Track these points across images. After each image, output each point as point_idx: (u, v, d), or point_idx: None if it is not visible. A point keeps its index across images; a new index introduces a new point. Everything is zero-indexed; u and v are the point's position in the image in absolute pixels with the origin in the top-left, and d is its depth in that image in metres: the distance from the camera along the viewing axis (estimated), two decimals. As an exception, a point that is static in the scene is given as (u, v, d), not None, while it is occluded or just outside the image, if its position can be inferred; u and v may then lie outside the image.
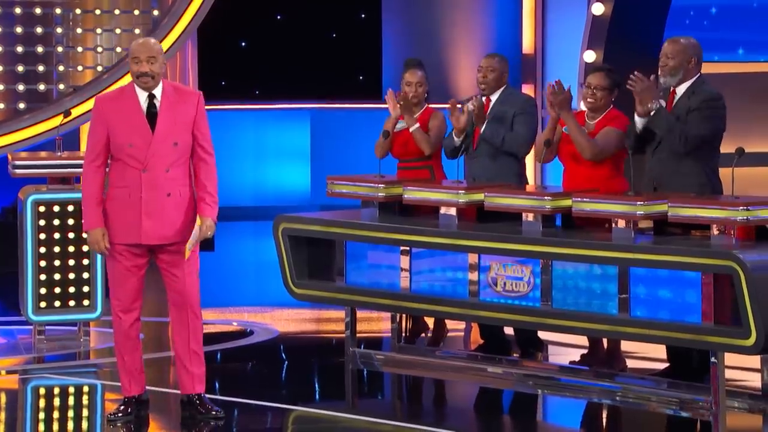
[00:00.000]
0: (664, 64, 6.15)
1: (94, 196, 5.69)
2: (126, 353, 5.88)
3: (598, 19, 10.55)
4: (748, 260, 5.32)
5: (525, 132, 6.86)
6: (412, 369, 6.51)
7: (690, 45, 6.16)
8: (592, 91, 6.50)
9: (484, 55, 7.44)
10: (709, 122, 6.12)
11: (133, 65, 5.68)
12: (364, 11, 13.94)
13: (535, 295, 5.87)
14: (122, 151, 5.68)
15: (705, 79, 6.20)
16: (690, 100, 6.14)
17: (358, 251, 6.43)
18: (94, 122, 5.71)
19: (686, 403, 5.61)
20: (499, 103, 6.97)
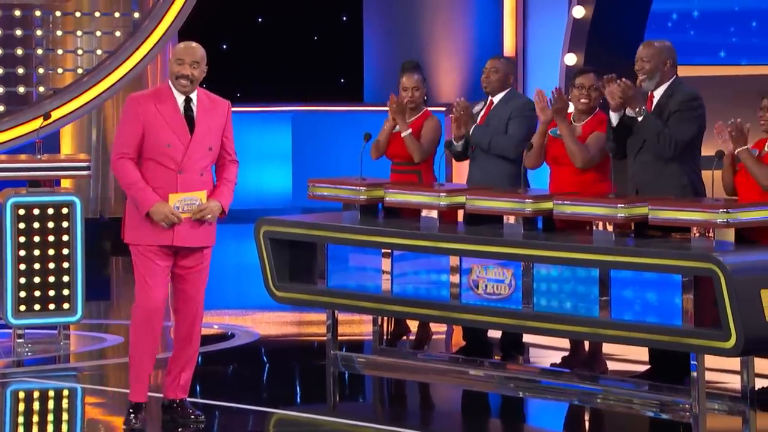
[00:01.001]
0: (641, 68, 6.19)
1: (140, 179, 5.62)
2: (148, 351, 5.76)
3: (578, 21, 10.59)
4: (728, 263, 5.35)
5: (516, 134, 6.86)
6: (394, 372, 6.52)
7: (664, 47, 6.20)
8: (586, 91, 6.52)
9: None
10: (692, 123, 6.15)
11: (176, 66, 5.67)
12: (345, 14, 13.95)
13: (517, 297, 5.88)
14: (158, 151, 5.64)
15: (681, 80, 6.24)
16: (668, 102, 6.17)
17: (340, 254, 6.44)
18: (129, 120, 5.65)
19: (667, 405, 5.64)
20: (501, 106, 6.98)
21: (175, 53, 5.71)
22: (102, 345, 7.81)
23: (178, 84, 5.67)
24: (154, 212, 5.64)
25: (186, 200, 5.67)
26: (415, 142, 7.18)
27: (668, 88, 6.19)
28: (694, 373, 5.52)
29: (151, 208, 5.64)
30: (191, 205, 5.69)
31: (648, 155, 6.19)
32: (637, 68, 6.21)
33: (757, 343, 5.41)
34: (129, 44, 10.73)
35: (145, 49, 11.07)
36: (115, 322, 8.61)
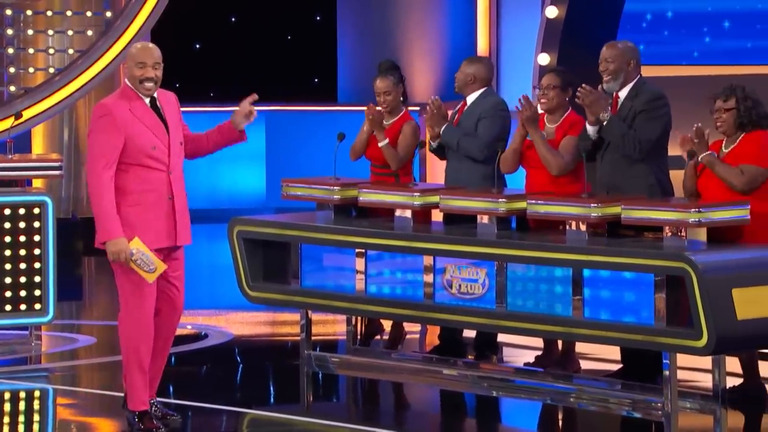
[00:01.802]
0: (605, 69, 6.23)
1: (113, 205, 5.50)
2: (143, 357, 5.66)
3: (551, 21, 10.63)
4: (699, 262, 5.39)
5: (484, 135, 6.88)
6: (368, 372, 6.53)
7: (627, 48, 6.25)
8: (543, 91, 6.57)
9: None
10: (657, 123, 6.20)
11: (137, 70, 5.57)
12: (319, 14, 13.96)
13: (490, 297, 5.91)
14: (145, 155, 5.56)
15: (645, 80, 6.29)
16: (634, 102, 6.22)
17: (314, 254, 6.45)
18: (109, 130, 5.52)
19: (639, 404, 5.67)
20: (473, 106, 7.00)
21: (134, 56, 5.58)
22: (74, 346, 7.79)
23: (143, 87, 5.60)
24: (113, 244, 5.51)
25: (144, 257, 5.55)
26: (392, 151, 7.18)
27: (633, 89, 6.23)
28: (666, 372, 5.56)
29: (114, 240, 5.51)
30: (144, 264, 5.58)
31: (615, 155, 6.23)
32: (602, 69, 6.25)
33: (729, 342, 5.45)
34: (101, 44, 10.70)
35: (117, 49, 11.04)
36: (87, 322, 8.60)
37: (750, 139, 6.01)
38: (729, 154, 6.03)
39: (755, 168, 5.93)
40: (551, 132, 6.60)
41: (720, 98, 6.07)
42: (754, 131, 6.02)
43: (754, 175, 5.92)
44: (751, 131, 6.02)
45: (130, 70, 5.60)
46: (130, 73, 5.60)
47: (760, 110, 6.04)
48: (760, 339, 5.60)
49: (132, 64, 5.59)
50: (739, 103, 6.01)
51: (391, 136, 7.26)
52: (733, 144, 6.04)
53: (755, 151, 5.98)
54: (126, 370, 5.70)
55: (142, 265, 5.57)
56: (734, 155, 6.01)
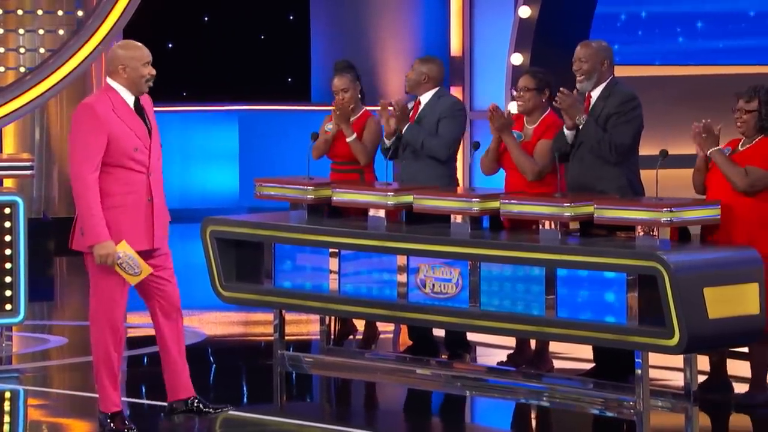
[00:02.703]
0: (579, 68, 6.26)
1: (99, 208, 5.49)
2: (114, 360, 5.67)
3: (525, 21, 10.67)
4: (671, 261, 5.43)
5: (446, 135, 6.91)
6: (341, 371, 6.55)
7: (601, 47, 6.28)
8: (519, 93, 6.60)
9: (413, 56, 7.50)
10: (630, 126, 6.24)
11: (144, 68, 5.58)
12: (292, 13, 13.96)
13: (463, 296, 5.93)
14: (127, 156, 5.55)
15: (618, 80, 6.32)
16: (606, 102, 6.25)
17: (287, 253, 6.45)
18: (93, 130, 5.50)
19: (611, 402, 5.71)
20: (428, 106, 7.02)
21: (140, 57, 5.58)
22: (45, 346, 7.77)
23: (145, 85, 5.61)
24: (99, 247, 5.50)
25: (131, 259, 5.55)
26: (360, 145, 7.21)
27: (605, 89, 6.27)
28: (638, 371, 5.59)
29: (102, 243, 5.50)
30: (129, 267, 5.58)
31: (586, 156, 6.26)
32: (576, 69, 6.28)
33: (700, 341, 5.50)
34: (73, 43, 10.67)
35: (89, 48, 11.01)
36: (59, 323, 8.57)
37: (766, 143, 6.02)
38: (743, 153, 6.04)
39: (761, 171, 5.95)
40: (529, 133, 6.63)
41: (743, 98, 6.05)
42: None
43: (759, 178, 5.94)
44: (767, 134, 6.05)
45: (134, 70, 5.57)
46: (135, 73, 5.57)
47: None
48: (731, 338, 5.65)
49: (137, 63, 5.58)
50: (762, 106, 6.01)
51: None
52: (749, 144, 6.06)
53: (765, 153, 5.99)
54: (96, 372, 5.70)
55: (127, 269, 5.57)
56: (747, 155, 6.02)
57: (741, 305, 5.55)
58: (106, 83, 5.67)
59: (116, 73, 5.61)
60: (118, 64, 5.60)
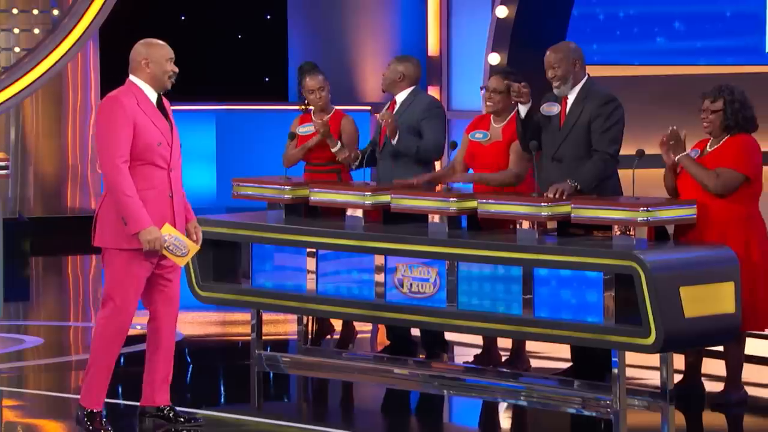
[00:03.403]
0: (553, 75, 6.25)
1: (136, 195, 5.50)
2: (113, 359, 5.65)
3: (502, 21, 10.70)
4: (648, 260, 5.46)
5: (435, 136, 6.92)
6: (318, 371, 6.56)
7: (571, 49, 6.30)
8: (489, 94, 6.61)
9: (391, 56, 7.50)
10: (616, 129, 6.24)
11: (168, 65, 5.63)
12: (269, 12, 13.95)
13: (441, 296, 5.95)
14: (151, 151, 5.56)
15: (593, 80, 6.34)
16: (584, 103, 6.27)
17: (264, 253, 6.46)
18: (119, 123, 5.51)
19: (588, 401, 5.74)
20: (405, 105, 7.03)
21: (163, 53, 5.61)
22: (21, 347, 7.75)
23: (169, 81, 5.65)
24: (145, 233, 5.51)
25: (177, 240, 5.58)
26: (345, 152, 7.17)
27: (581, 90, 6.28)
28: (615, 370, 5.62)
29: (147, 229, 5.51)
30: (176, 249, 5.61)
31: (564, 157, 6.28)
32: (550, 76, 6.25)
33: (676, 340, 5.53)
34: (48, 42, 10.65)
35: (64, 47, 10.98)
36: (35, 323, 8.54)
37: (733, 142, 6.05)
38: (711, 154, 6.07)
39: (731, 172, 5.97)
40: (497, 133, 6.64)
41: (708, 98, 6.08)
42: (738, 134, 6.07)
43: (729, 179, 5.97)
44: (735, 134, 6.07)
45: (158, 65, 5.60)
46: (159, 68, 5.60)
47: (746, 113, 6.05)
48: (707, 337, 5.69)
49: (164, 59, 5.62)
50: (727, 106, 6.04)
51: None
52: (717, 145, 6.08)
53: (735, 154, 6.02)
54: (93, 367, 5.64)
55: (174, 250, 5.59)
56: (716, 156, 6.05)
57: (717, 304, 5.59)
58: (129, 80, 5.68)
59: (139, 69, 5.64)
60: (141, 59, 5.63)
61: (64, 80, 11.96)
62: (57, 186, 12.13)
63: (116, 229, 5.57)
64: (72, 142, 12.12)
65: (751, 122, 6.08)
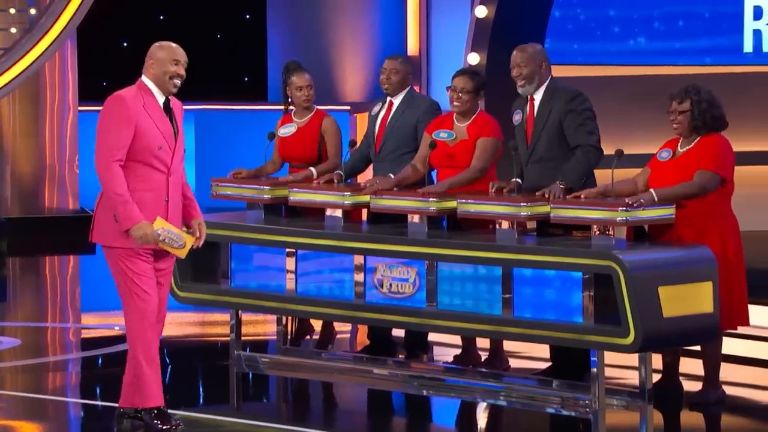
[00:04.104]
0: (519, 74, 6.29)
1: (127, 192, 5.50)
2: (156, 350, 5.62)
3: (481, 21, 10.72)
4: (627, 260, 5.49)
5: None
6: (298, 372, 6.56)
7: (537, 50, 6.34)
8: (458, 94, 6.61)
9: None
10: (591, 123, 6.29)
11: (172, 66, 5.60)
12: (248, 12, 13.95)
13: (421, 296, 5.97)
14: (150, 154, 5.55)
15: (557, 79, 6.38)
16: (551, 103, 6.30)
17: (243, 253, 6.46)
18: (119, 121, 5.50)
19: (567, 401, 5.76)
20: (402, 107, 7.02)
21: (168, 54, 5.60)
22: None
23: (171, 84, 5.62)
24: (136, 229, 5.52)
25: (171, 233, 5.58)
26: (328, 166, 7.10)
27: (547, 90, 6.32)
28: (594, 370, 5.65)
29: (138, 224, 5.52)
30: (172, 241, 5.61)
31: (541, 159, 6.30)
32: (515, 74, 6.29)
33: (655, 340, 5.56)
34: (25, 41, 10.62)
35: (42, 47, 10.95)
36: (12, 324, 8.52)
37: (707, 143, 6.08)
38: (684, 155, 6.09)
39: (711, 174, 5.99)
40: (463, 132, 6.63)
41: (676, 100, 6.11)
42: (710, 134, 6.10)
43: (709, 180, 5.99)
44: (707, 134, 6.10)
45: (160, 66, 5.58)
46: (160, 69, 5.58)
47: (715, 113, 6.08)
48: (685, 336, 5.72)
49: (167, 60, 5.60)
50: (694, 106, 6.07)
51: (309, 133, 7.27)
52: (689, 145, 6.10)
53: (712, 156, 6.03)
54: (135, 368, 5.61)
55: (171, 243, 5.59)
56: (689, 156, 6.07)
57: (695, 304, 5.62)
58: (140, 80, 5.67)
59: (147, 69, 5.64)
60: (149, 59, 5.63)
61: (42, 80, 11.93)
62: (34, 186, 12.09)
63: (114, 228, 5.58)
64: (50, 141, 12.09)
65: (720, 121, 6.12)
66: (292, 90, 7.31)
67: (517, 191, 6.09)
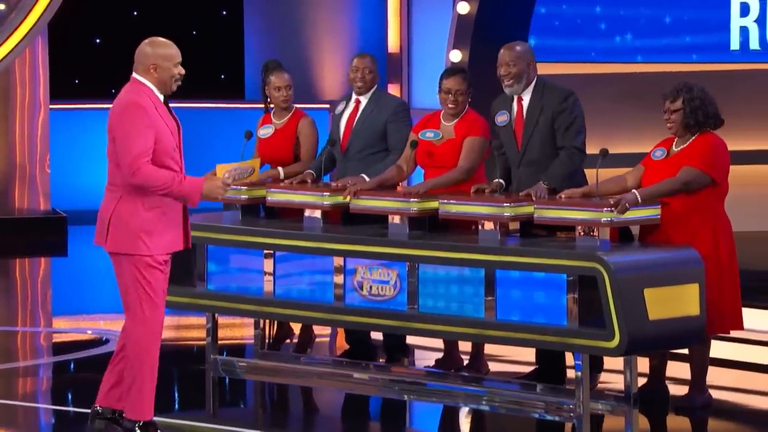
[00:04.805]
0: (507, 73, 6.30)
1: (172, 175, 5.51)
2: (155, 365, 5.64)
3: (463, 18, 10.75)
4: (611, 262, 5.52)
5: (403, 143, 6.90)
6: (276, 376, 6.57)
7: (526, 49, 6.38)
8: (453, 96, 6.61)
9: (350, 53, 7.51)
10: (580, 123, 6.32)
11: (174, 68, 5.62)
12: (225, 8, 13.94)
13: (401, 299, 5.99)
14: (167, 155, 5.57)
15: (544, 78, 6.41)
16: (542, 102, 6.32)
17: (220, 255, 6.47)
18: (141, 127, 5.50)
19: (551, 406, 5.79)
20: (371, 106, 7.04)
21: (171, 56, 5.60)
22: (-31, 352, 7.71)
23: (175, 85, 5.64)
24: (208, 190, 5.56)
25: (237, 171, 5.63)
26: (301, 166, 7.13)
27: (536, 89, 6.35)
28: (578, 374, 5.68)
29: (203, 191, 5.55)
30: (242, 175, 5.66)
31: (533, 160, 6.33)
32: (503, 73, 6.30)
33: (640, 343, 5.60)
34: (-5, 37, 10.58)
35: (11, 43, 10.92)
36: (-17, 328, 8.51)
37: (700, 143, 6.11)
38: (679, 154, 6.12)
39: (695, 171, 6.03)
40: (450, 131, 6.65)
41: (668, 99, 6.14)
42: (705, 133, 6.14)
43: (694, 177, 6.02)
44: (702, 133, 6.14)
45: (165, 70, 5.58)
46: (166, 73, 5.59)
47: (707, 110, 6.11)
48: (671, 339, 5.76)
49: (169, 63, 5.60)
50: (686, 104, 6.10)
51: (286, 135, 7.29)
52: (684, 144, 6.14)
53: (701, 155, 6.07)
54: (138, 378, 5.60)
55: (242, 177, 5.66)
56: (683, 156, 6.10)
57: (681, 306, 5.66)
58: (135, 79, 5.65)
59: (147, 72, 5.62)
60: (149, 63, 5.61)
61: (12, 77, 11.89)
62: (4, 186, 12.06)
63: (135, 235, 5.55)
64: (20, 140, 12.05)
65: (714, 118, 6.15)
66: (270, 90, 7.33)
67: (499, 192, 6.12)
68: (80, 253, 11.01)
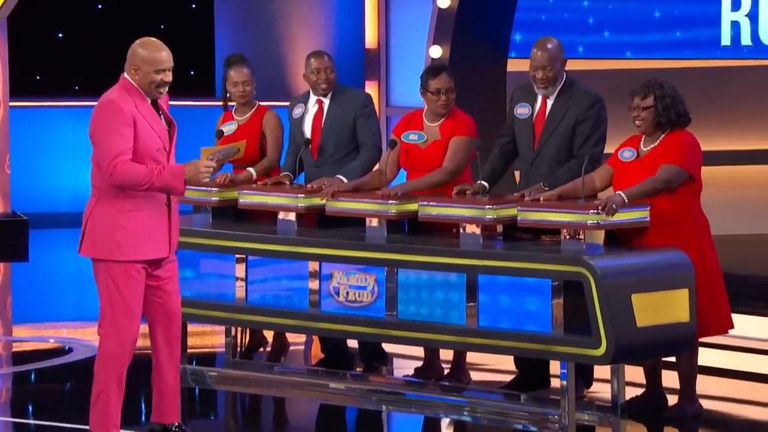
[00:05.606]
0: (545, 77, 6.27)
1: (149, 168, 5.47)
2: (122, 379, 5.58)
3: (443, 12, 10.78)
4: (598, 266, 5.56)
5: (372, 141, 6.91)
6: (249, 386, 6.59)
7: (559, 48, 6.34)
8: (445, 95, 6.60)
9: (326, 49, 7.50)
10: (602, 129, 6.32)
11: (156, 75, 5.58)
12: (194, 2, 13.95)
13: (379, 305, 6.01)
14: (149, 156, 5.53)
15: (573, 78, 6.40)
16: (568, 104, 6.29)
17: (190, 260, 6.48)
18: (118, 125, 5.47)
19: (535, 416, 5.82)
20: (335, 106, 7.03)
21: (153, 61, 5.56)
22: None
23: (157, 92, 5.61)
24: (192, 177, 5.53)
25: (221, 152, 5.62)
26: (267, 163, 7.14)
27: (562, 90, 6.31)
28: (563, 383, 5.71)
29: (185, 176, 5.52)
30: (227, 154, 5.65)
31: (544, 161, 6.32)
32: (541, 77, 6.24)
33: (628, 350, 5.63)
34: (-47, 31, 10.54)
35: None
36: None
37: (672, 140, 6.15)
38: (650, 154, 6.15)
39: (675, 168, 6.07)
40: (435, 132, 6.62)
41: (638, 96, 6.16)
42: (675, 130, 6.18)
43: (674, 176, 6.06)
44: (671, 130, 6.18)
45: (144, 75, 5.56)
46: (144, 78, 5.57)
47: (678, 108, 6.15)
48: (660, 347, 5.79)
49: (149, 68, 5.57)
50: (658, 101, 6.14)
51: (251, 130, 7.28)
52: (653, 143, 6.16)
53: (677, 152, 6.10)
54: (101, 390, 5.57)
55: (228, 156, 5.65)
56: (655, 155, 6.13)
57: (670, 312, 5.70)
58: (122, 77, 5.64)
59: (130, 72, 5.62)
60: (131, 64, 5.61)
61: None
62: (-39, 188, 12.02)
63: (109, 239, 5.51)
64: (-21, 140, 12.02)
65: (684, 117, 6.20)
66: (229, 85, 7.33)
67: (482, 194, 6.14)
68: (42, 258, 10.97)
